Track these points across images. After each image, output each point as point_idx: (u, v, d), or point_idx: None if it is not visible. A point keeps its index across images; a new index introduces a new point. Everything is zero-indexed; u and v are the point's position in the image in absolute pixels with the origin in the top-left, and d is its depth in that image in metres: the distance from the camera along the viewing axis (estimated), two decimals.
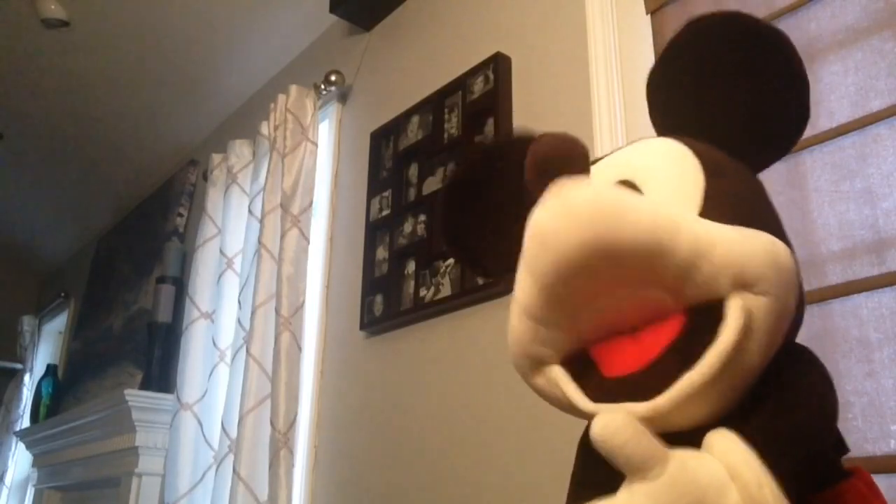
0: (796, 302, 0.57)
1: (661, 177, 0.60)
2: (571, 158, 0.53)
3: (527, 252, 0.56)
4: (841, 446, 0.61)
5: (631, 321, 0.57)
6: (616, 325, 0.57)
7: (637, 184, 0.60)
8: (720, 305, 0.53)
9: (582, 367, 0.60)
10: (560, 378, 0.60)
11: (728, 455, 0.50)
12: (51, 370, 3.34)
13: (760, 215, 0.59)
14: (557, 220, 0.53)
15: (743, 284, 0.53)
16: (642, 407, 0.54)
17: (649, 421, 0.53)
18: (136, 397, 2.21)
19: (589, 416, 0.57)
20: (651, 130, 0.70)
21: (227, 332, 2.07)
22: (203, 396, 2.06)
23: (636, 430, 0.49)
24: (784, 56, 0.61)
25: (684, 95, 0.65)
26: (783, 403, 0.54)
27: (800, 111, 0.63)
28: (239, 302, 1.99)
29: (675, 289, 0.54)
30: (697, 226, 0.54)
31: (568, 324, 0.58)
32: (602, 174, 0.63)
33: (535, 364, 0.62)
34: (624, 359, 0.57)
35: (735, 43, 0.62)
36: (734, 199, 0.58)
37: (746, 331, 0.53)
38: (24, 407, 3.64)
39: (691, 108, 0.65)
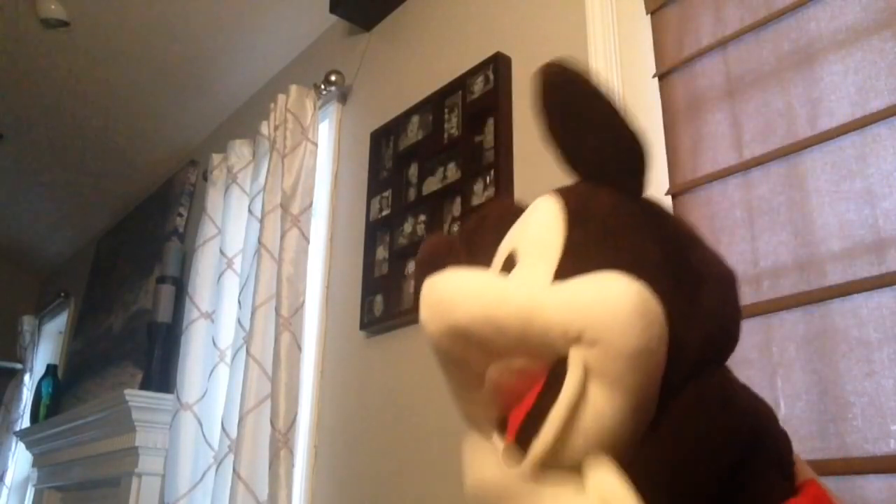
0: (664, 339, 0.56)
1: (530, 242, 0.66)
2: (436, 257, 0.64)
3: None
4: (785, 466, 0.61)
5: (519, 389, 0.60)
6: (513, 394, 0.61)
7: (516, 252, 0.67)
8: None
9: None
10: (496, 444, 0.65)
11: (602, 486, 0.53)
12: (51, 370, 3.34)
13: (618, 252, 0.61)
14: (423, 313, 0.62)
15: (573, 339, 0.55)
16: (517, 471, 0.58)
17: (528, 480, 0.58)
18: (136, 397, 2.21)
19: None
20: (651, 130, 0.71)
21: (227, 332, 2.07)
22: (203, 396, 2.06)
23: (504, 479, 0.55)
24: (595, 97, 0.64)
25: (557, 141, 0.69)
26: (664, 436, 0.55)
27: (632, 138, 0.65)
28: (239, 302, 1.99)
29: (526, 354, 0.58)
30: (521, 296, 0.58)
31: (481, 401, 0.65)
32: (503, 245, 0.71)
33: (485, 437, 0.68)
34: (511, 428, 0.61)
35: (558, 92, 0.66)
36: (589, 246, 0.62)
37: (585, 384, 0.54)
38: (24, 407, 3.64)
39: (568, 153, 0.69)
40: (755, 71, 1.17)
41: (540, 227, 0.66)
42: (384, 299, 1.67)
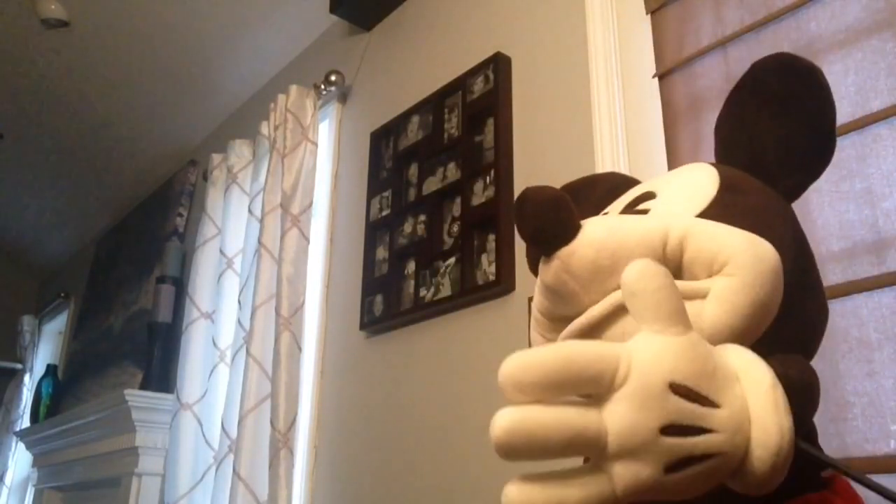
0: (777, 306, 0.57)
1: (675, 188, 0.66)
2: (559, 227, 0.58)
3: (541, 274, 0.62)
4: (814, 462, 0.60)
5: None
6: None
7: (655, 192, 0.66)
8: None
9: None
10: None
11: (743, 357, 0.51)
12: (51, 370, 3.34)
13: (762, 227, 0.60)
14: (586, 249, 0.58)
15: (716, 269, 0.56)
16: (581, 317, 0.58)
17: (592, 333, 0.58)
18: (136, 397, 2.21)
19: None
20: (650, 129, 0.72)
21: (227, 332, 2.07)
22: (203, 396, 2.06)
23: (671, 282, 0.50)
24: (823, 91, 0.66)
25: (739, 129, 0.71)
26: (783, 359, 0.55)
27: (829, 139, 0.67)
28: (239, 302, 1.99)
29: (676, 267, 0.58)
30: (680, 220, 0.59)
31: (575, 314, 0.62)
32: (634, 190, 0.71)
33: (543, 343, 0.67)
34: None
35: (785, 82, 0.67)
36: (737, 210, 0.62)
37: (696, 294, 0.55)
38: (24, 407, 3.64)
39: (742, 140, 0.70)
40: None
41: (690, 180, 0.66)
42: (384, 299, 1.67)
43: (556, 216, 0.57)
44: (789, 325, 0.60)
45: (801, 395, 0.52)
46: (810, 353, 0.66)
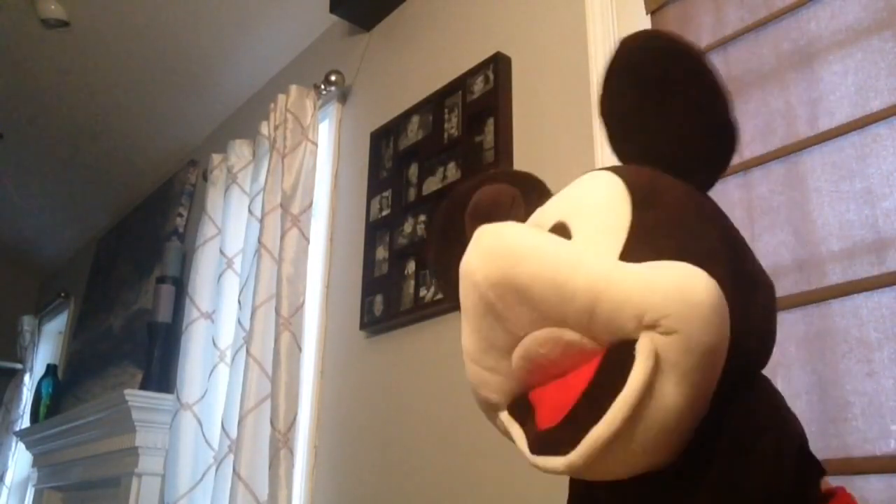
0: (727, 339, 0.54)
1: (589, 217, 0.60)
2: (497, 206, 0.58)
3: (460, 291, 0.59)
4: (815, 471, 0.60)
5: (559, 365, 0.56)
6: (548, 370, 0.57)
7: (568, 224, 0.61)
8: (635, 343, 0.53)
9: (526, 412, 0.60)
10: (508, 424, 0.62)
11: None
12: (51, 370, 3.34)
13: (691, 243, 0.57)
14: (473, 259, 0.56)
15: (648, 324, 0.52)
16: (559, 462, 0.54)
17: (574, 474, 0.54)
18: (136, 397, 2.21)
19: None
20: None
21: (227, 332, 2.07)
22: (203, 396, 2.06)
23: None
24: (704, 74, 0.61)
25: (629, 120, 0.66)
26: (733, 468, 0.53)
27: (728, 127, 0.62)
28: (239, 302, 1.99)
29: (586, 329, 0.54)
30: (597, 266, 0.54)
31: (504, 369, 0.59)
32: (542, 216, 0.65)
33: (488, 408, 0.63)
34: (549, 410, 0.57)
35: (661, 64, 0.62)
36: (660, 231, 0.57)
37: (654, 374, 0.51)
38: (24, 407, 3.64)
39: (633, 130, 0.65)
40: (755, 71, 1.17)
41: (601, 204, 0.60)
42: (384, 299, 1.67)
43: (499, 196, 0.60)
44: (743, 338, 0.57)
45: (779, 434, 0.53)
46: (769, 348, 0.63)
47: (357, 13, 2.03)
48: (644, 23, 1.37)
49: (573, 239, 0.59)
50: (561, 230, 0.61)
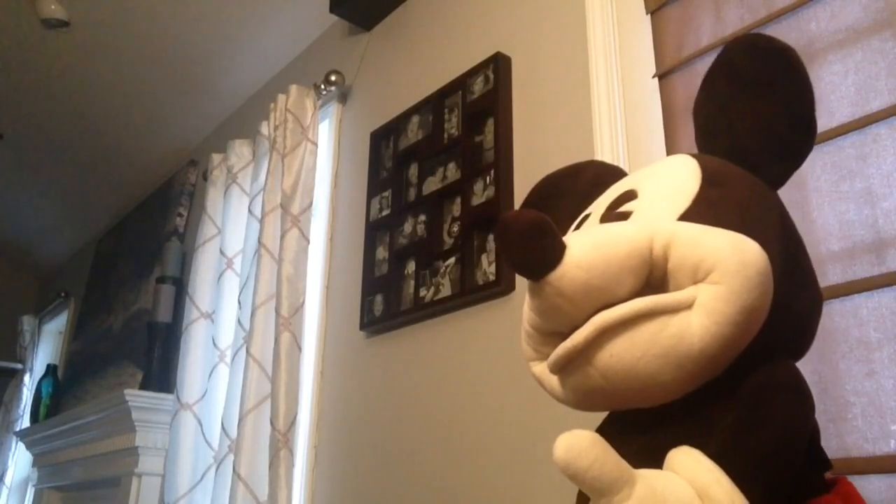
0: (768, 308, 0.57)
1: (656, 185, 0.65)
2: (545, 253, 0.58)
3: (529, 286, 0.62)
4: (822, 463, 0.61)
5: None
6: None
7: (637, 190, 0.66)
8: None
9: None
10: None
11: (695, 473, 0.51)
12: (51, 370, 3.34)
13: (749, 222, 0.60)
14: (565, 282, 0.58)
15: (701, 276, 0.55)
16: (567, 344, 0.58)
17: (579, 361, 0.58)
18: (136, 397, 2.21)
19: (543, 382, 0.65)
20: (650, 129, 0.72)
21: (227, 332, 2.07)
22: (203, 396, 2.06)
23: (601, 451, 0.49)
24: (799, 73, 0.65)
25: (716, 115, 0.69)
26: (749, 422, 0.55)
27: (810, 125, 0.66)
28: (239, 302, 1.99)
29: (651, 287, 0.58)
30: (662, 227, 0.58)
31: (556, 342, 0.62)
32: (616, 187, 0.70)
33: (537, 357, 0.68)
34: None
35: (759, 61, 0.66)
36: (721, 207, 0.61)
37: (682, 306, 0.55)
38: (24, 407, 3.64)
39: (721, 127, 0.69)
40: None
41: (672, 176, 0.65)
42: (384, 299, 1.67)
43: (539, 243, 0.57)
44: (782, 323, 0.59)
45: (768, 469, 0.53)
46: (805, 346, 0.65)
47: (357, 13, 2.03)
48: (644, 23, 1.37)
49: (640, 199, 0.64)
50: (629, 195, 0.66)
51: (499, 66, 1.52)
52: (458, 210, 1.54)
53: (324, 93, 2.05)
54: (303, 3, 2.21)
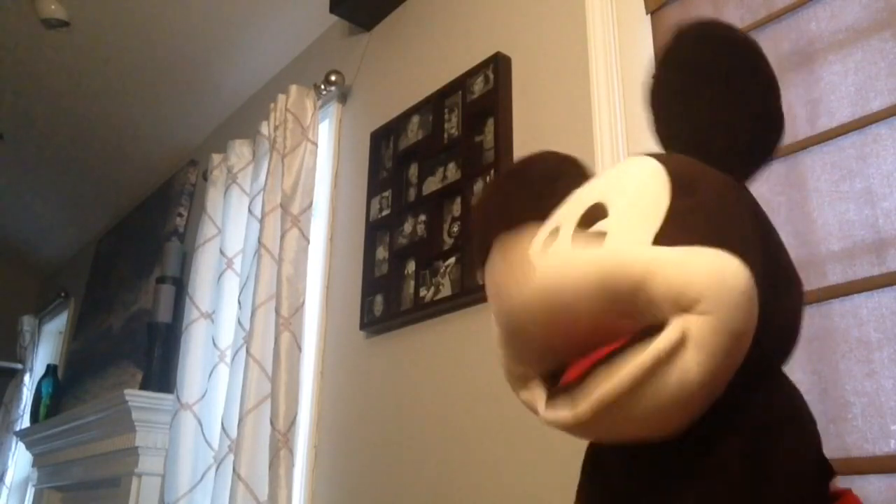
0: (755, 326, 0.56)
1: (627, 199, 0.61)
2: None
3: (489, 299, 0.62)
4: (825, 473, 0.60)
5: (590, 343, 0.58)
6: (579, 347, 0.59)
7: (606, 205, 0.62)
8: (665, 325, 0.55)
9: (558, 380, 0.63)
10: (534, 390, 0.64)
11: None
12: (51, 370, 3.34)
13: (726, 232, 0.58)
14: (504, 279, 0.58)
15: (684, 306, 0.54)
16: (568, 415, 0.57)
17: (583, 428, 0.57)
18: (136, 397, 2.21)
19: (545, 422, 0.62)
20: (649, 133, 0.71)
21: (227, 332, 2.07)
22: (203, 396, 2.06)
23: None
24: (758, 63, 0.63)
25: (675, 107, 0.67)
26: (756, 477, 0.54)
27: (774, 118, 0.64)
28: (239, 302, 1.99)
29: (626, 315, 0.56)
30: (639, 257, 0.56)
31: (535, 355, 0.62)
32: (581, 195, 0.67)
33: (518, 381, 0.66)
34: (572, 371, 0.59)
35: (713, 52, 0.63)
36: (696, 218, 0.58)
37: (678, 347, 0.53)
38: (24, 407, 3.64)
39: (681, 120, 0.66)
40: None
41: (640, 187, 0.61)
42: (384, 299, 1.67)
43: (511, 263, 0.57)
44: (769, 329, 0.59)
45: (799, 430, 0.54)
46: (793, 344, 0.65)
47: (357, 13, 2.03)
48: (644, 23, 1.37)
49: (611, 219, 0.61)
50: (598, 210, 0.62)
51: (499, 66, 1.52)
52: (458, 210, 1.54)
53: (324, 93, 2.05)
54: (303, 3, 2.21)
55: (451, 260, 1.50)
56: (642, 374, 0.54)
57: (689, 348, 0.54)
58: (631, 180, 0.63)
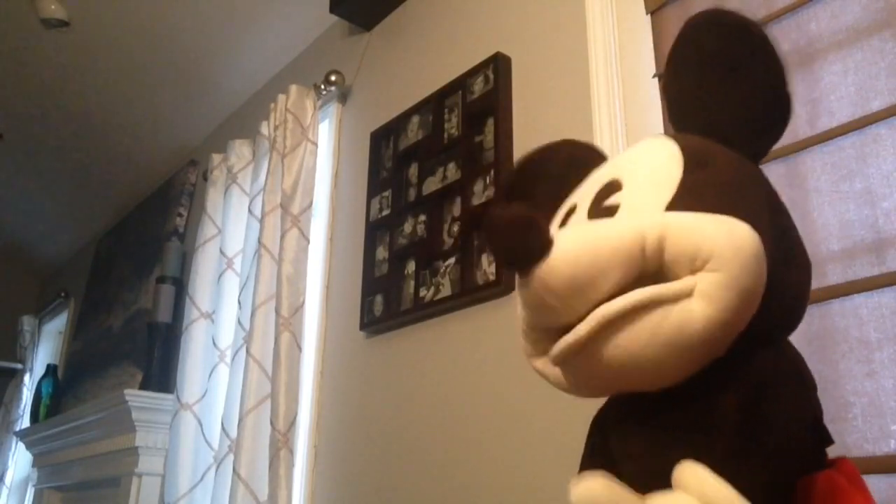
0: (763, 288, 0.58)
1: (641, 173, 0.65)
2: (530, 247, 0.59)
3: (518, 294, 0.64)
4: (822, 440, 0.62)
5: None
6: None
7: (620, 180, 0.65)
8: None
9: None
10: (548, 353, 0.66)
11: (703, 489, 0.52)
12: (51, 370, 3.33)
13: (737, 202, 0.60)
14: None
15: (698, 267, 0.56)
16: (569, 337, 0.59)
17: (582, 354, 0.59)
18: (136, 397, 2.21)
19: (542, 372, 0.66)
20: (650, 129, 0.72)
21: (227, 332, 2.07)
22: (203, 396, 2.06)
23: (614, 493, 0.53)
24: (766, 49, 0.65)
25: (688, 92, 0.69)
26: (754, 421, 0.55)
27: (783, 99, 0.66)
28: (239, 302, 1.99)
29: (642, 281, 0.58)
30: (653, 221, 0.58)
31: (553, 336, 0.63)
32: (598, 175, 0.70)
33: (535, 344, 0.69)
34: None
35: (725, 39, 0.66)
36: (708, 190, 0.61)
37: (683, 295, 0.56)
38: (24, 407, 3.64)
39: (694, 105, 0.69)
40: None
41: (654, 162, 0.65)
42: (384, 299, 1.67)
43: (525, 236, 0.58)
44: (776, 298, 0.61)
45: (771, 469, 0.54)
46: (798, 317, 0.66)
47: (357, 13, 2.03)
48: (644, 23, 1.37)
49: (625, 191, 0.64)
50: (613, 186, 0.65)
51: (499, 66, 1.52)
52: (458, 210, 1.54)
53: (324, 93, 2.05)
54: (303, 3, 2.21)
55: (451, 260, 1.50)
56: (641, 301, 0.56)
57: (695, 298, 0.56)
58: (644, 156, 0.67)
